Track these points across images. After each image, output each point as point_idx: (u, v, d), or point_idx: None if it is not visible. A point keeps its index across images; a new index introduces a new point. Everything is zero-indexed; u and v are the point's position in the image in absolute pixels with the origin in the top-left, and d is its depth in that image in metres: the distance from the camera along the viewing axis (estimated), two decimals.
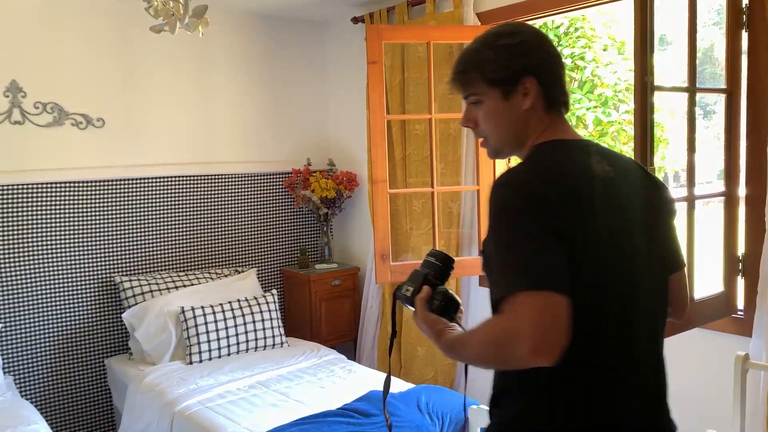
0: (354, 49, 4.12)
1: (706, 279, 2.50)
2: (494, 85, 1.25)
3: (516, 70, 1.24)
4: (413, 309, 1.34)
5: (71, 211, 3.45)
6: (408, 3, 3.58)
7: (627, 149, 7.20)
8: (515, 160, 1.34)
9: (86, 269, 3.51)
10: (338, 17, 4.18)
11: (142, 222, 3.69)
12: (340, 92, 4.34)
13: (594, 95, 7.22)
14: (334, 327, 4.07)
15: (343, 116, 4.34)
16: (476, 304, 3.54)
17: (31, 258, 3.34)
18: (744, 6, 2.35)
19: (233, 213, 4.04)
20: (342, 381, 3.10)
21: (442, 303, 1.30)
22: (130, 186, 3.64)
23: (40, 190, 3.35)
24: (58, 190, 3.41)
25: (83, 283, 3.51)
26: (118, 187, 3.60)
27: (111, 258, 3.59)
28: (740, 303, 2.48)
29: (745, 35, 2.37)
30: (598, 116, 7.18)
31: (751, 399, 2.26)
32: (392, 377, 3.16)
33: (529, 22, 3.34)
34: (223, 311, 3.46)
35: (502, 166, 3.36)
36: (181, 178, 3.82)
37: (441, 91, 3.40)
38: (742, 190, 2.43)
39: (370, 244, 3.95)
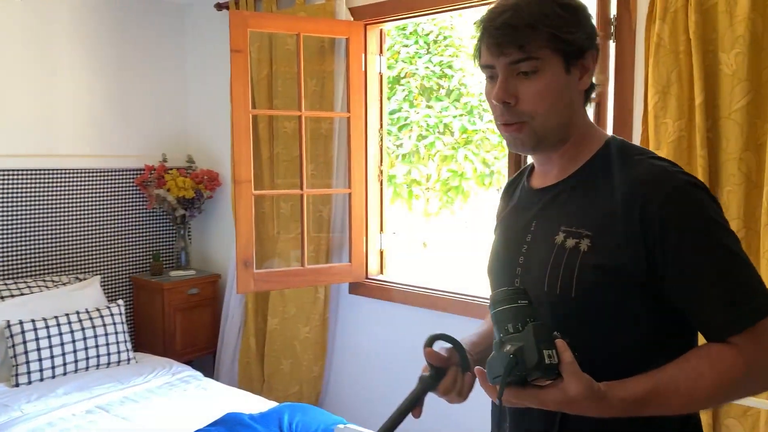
0: (218, 37, 3.81)
1: None
2: (559, 53, 1.01)
3: (582, 38, 1.02)
4: (550, 380, 0.91)
5: None
6: None
7: (490, 157, 7.42)
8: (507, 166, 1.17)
9: None
10: (201, 1, 3.86)
11: None
12: (202, 83, 4.01)
13: (461, 104, 7.36)
14: (190, 340, 3.72)
15: (205, 109, 4.00)
16: (345, 313, 3.37)
17: None
18: (612, 17, 2.37)
19: (75, 212, 3.57)
20: (196, 402, 2.79)
21: (576, 353, 0.92)
22: None
23: None
24: None
25: None
26: None
27: None
28: None
29: (613, 45, 2.39)
30: (464, 124, 7.33)
31: None
32: (251, 394, 2.93)
33: (401, 22, 3.24)
34: (59, 324, 3.02)
35: (372, 171, 3.22)
36: (13, 172, 3.31)
37: (312, 87, 3.20)
38: None
39: (233, 250, 3.65)
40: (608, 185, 1.02)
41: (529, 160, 1.21)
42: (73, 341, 3.04)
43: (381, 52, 3.25)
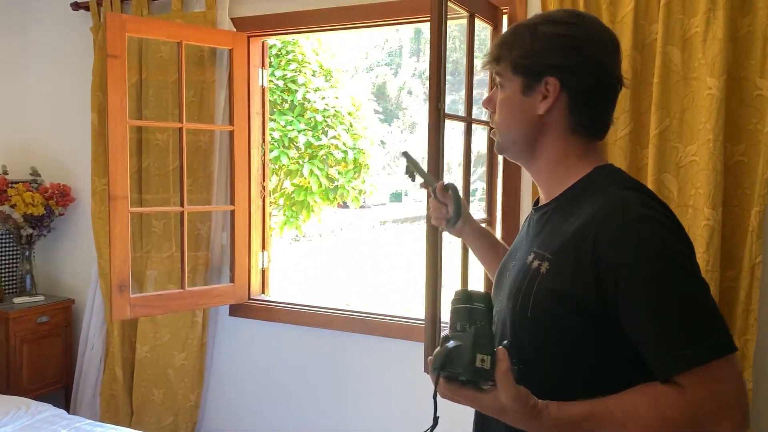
0: (70, 38, 3.47)
1: None
2: (518, 73, 1.08)
3: (543, 64, 1.06)
4: (486, 387, 0.94)
5: None
6: None
7: (334, 172, 7.50)
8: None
9: None
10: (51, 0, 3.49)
11: None
12: (49, 88, 3.61)
13: (304, 119, 7.37)
14: (39, 374, 3.31)
15: (53, 117, 3.61)
16: (225, 337, 3.21)
17: None
18: None
19: None
20: None
21: (520, 366, 0.94)
22: None
23: None
24: None
25: None
26: None
27: None
28: None
29: None
30: (309, 139, 7.35)
31: None
32: (120, 427, 2.66)
33: (284, 37, 3.19)
34: None
35: (255, 187, 3.12)
36: None
37: (189, 98, 3.03)
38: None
39: (93, 272, 3.33)
40: (578, 212, 1.03)
41: None
42: None
43: (263, 65, 3.16)
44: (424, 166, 1.61)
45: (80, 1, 3.31)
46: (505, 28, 2.49)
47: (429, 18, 2.03)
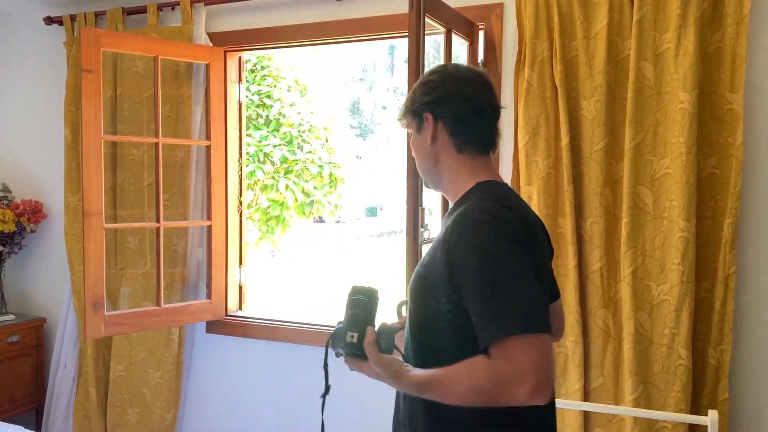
0: (43, 53, 3.42)
1: None
2: (410, 118, 1.36)
3: (419, 105, 1.33)
4: (357, 357, 1.25)
5: None
6: (124, 11, 3.10)
7: (309, 186, 7.48)
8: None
9: None
10: (23, 13, 3.44)
11: None
12: (21, 103, 3.55)
13: (280, 133, 7.36)
14: (8, 395, 3.23)
15: (25, 133, 3.55)
16: (202, 354, 3.17)
17: None
18: (480, 61, 2.56)
19: None
20: None
21: (390, 341, 1.25)
22: None
23: None
24: None
25: None
26: None
27: None
28: None
29: None
30: (285, 154, 7.33)
31: None
32: None
33: (260, 52, 3.18)
34: None
35: (232, 202, 3.10)
36: None
37: (165, 112, 3.00)
38: None
39: (65, 289, 3.27)
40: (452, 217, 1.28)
41: None
42: None
43: (240, 80, 3.15)
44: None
45: (53, 16, 3.27)
46: (481, 43, 2.53)
47: (406, 33, 2.04)
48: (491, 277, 1.13)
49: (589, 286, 2.28)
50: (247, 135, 7.29)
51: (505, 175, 2.45)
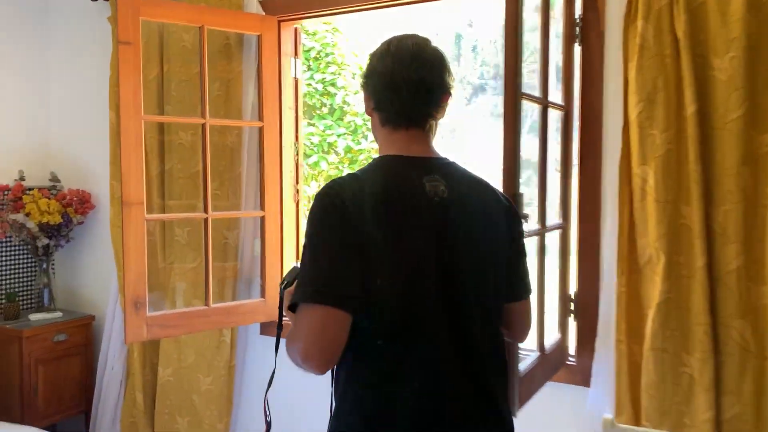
0: (91, 31, 3.20)
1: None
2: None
3: (364, 86, 1.37)
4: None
5: None
6: None
7: None
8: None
9: None
10: None
11: None
12: (69, 85, 3.34)
13: (344, 122, 7.09)
14: (56, 398, 3.03)
15: (74, 117, 3.34)
16: (256, 358, 2.87)
17: None
18: (577, 17, 2.13)
19: None
20: None
21: (290, 279, 1.33)
22: None
23: None
24: None
25: None
26: None
27: None
28: (572, 348, 2.23)
29: (578, 49, 2.15)
30: (349, 144, 7.06)
31: None
32: None
33: (317, 19, 2.83)
34: None
35: (288, 191, 2.78)
36: None
37: (215, 91, 2.71)
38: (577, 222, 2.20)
39: (112, 286, 3.03)
40: None
41: None
42: None
43: (296, 53, 2.82)
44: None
45: None
46: None
47: None
48: (305, 247, 1.21)
49: (722, 290, 1.82)
50: (310, 125, 7.08)
51: (612, 153, 2.02)
